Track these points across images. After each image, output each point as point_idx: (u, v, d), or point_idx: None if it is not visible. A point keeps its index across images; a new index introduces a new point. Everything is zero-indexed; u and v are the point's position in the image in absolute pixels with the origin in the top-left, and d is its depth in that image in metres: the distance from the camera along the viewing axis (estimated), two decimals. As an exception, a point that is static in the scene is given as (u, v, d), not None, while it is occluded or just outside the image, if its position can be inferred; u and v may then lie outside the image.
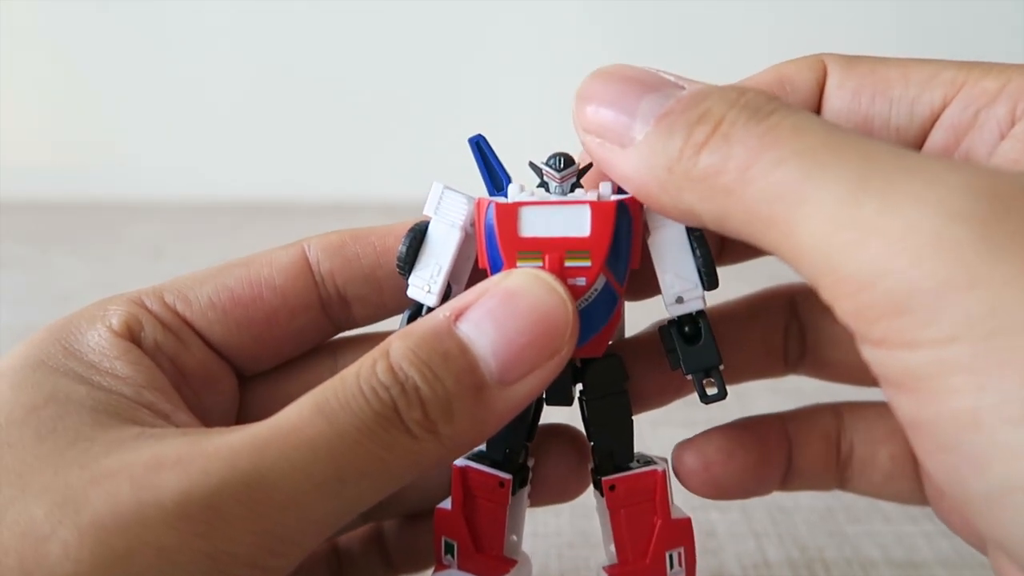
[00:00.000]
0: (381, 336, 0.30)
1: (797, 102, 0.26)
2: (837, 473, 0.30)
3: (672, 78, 0.24)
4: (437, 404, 0.22)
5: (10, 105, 1.12)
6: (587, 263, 0.25)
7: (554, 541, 0.41)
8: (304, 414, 0.22)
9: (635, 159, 0.23)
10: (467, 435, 0.23)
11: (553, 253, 0.25)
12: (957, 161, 0.20)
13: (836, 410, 0.30)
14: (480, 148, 0.27)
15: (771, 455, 0.29)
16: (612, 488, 0.27)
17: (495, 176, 0.27)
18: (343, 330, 0.30)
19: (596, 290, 0.25)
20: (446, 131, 0.28)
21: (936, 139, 0.25)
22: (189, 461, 0.21)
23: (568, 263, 0.25)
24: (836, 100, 0.26)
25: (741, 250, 0.29)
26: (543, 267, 0.25)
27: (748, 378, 0.31)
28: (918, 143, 0.26)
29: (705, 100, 0.22)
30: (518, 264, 0.25)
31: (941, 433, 0.18)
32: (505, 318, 0.23)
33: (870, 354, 0.19)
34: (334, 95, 1.10)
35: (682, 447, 0.28)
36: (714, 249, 0.27)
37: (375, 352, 0.23)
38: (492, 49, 1.08)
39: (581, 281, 0.25)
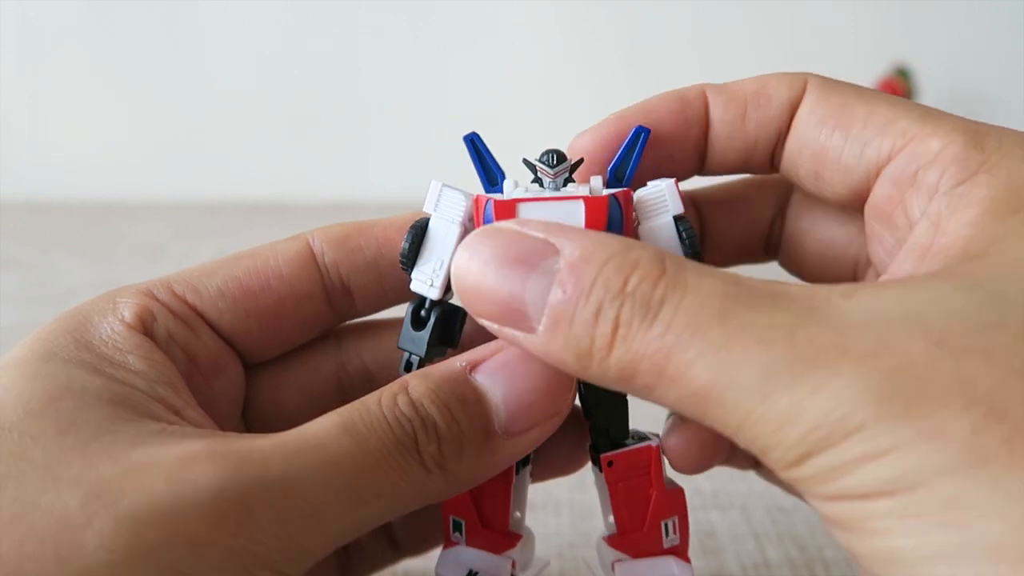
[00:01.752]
0: (383, 324, 0.31)
1: (767, 116, 0.27)
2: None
3: (540, 234, 0.23)
4: (451, 442, 0.24)
5: (10, 105, 1.12)
6: None
7: (554, 541, 0.41)
8: (332, 432, 0.23)
9: (544, 349, 0.22)
10: (469, 476, 0.25)
11: None
12: (846, 331, 0.20)
13: None
14: (475, 145, 0.28)
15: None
16: (611, 464, 0.28)
17: (490, 172, 0.28)
18: (345, 319, 0.31)
19: None
20: (445, 131, 0.28)
21: (882, 191, 0.26)
22: (222, 457, 0.21)
23: None
24: (802, 126, 0.27)
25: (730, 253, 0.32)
26: None
27: (727, 263, 0.32)
28: (863, 187, 0.26)
29: (592, 290, 0.21)
30: None
31: (871, 565, 0.20)
32: (519, 375, 0.25)
33: (811, 501, 0.21)
34: (334, 95, 1.10)
35: (674, 432, 0.28)
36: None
37: (394, 386, 0.24)
38: (490, 50, 1.08)
39: None
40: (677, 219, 0.27)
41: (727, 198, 0.32)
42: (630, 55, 1.06)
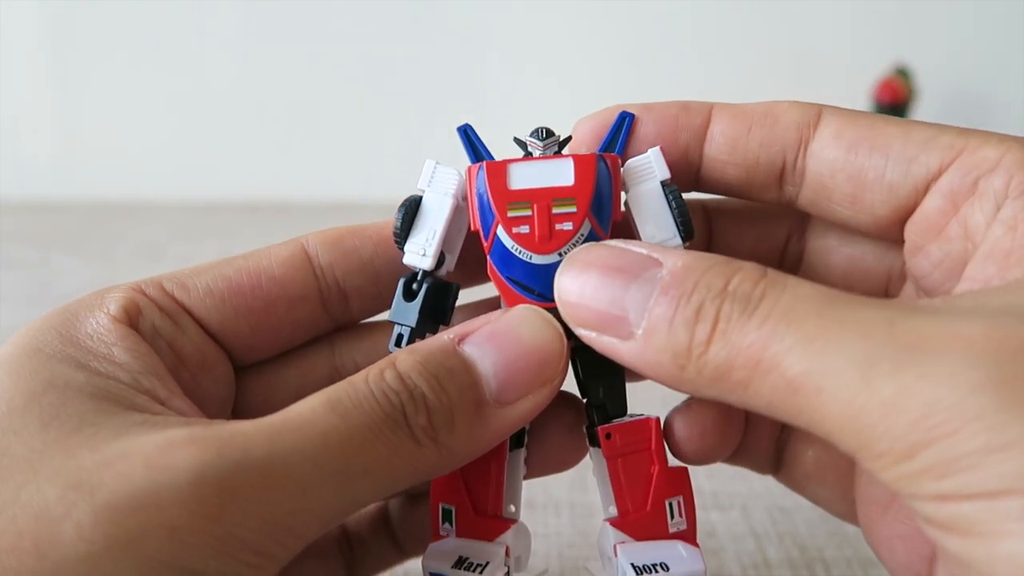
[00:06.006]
0: (377, 326, 0.31)
1: (772, 135, 0.28)
2: (774, 461, 0.31)
3: (644, 251, 0.24)
4: (441, 413, 0.24)
5: (10, 105, 1.12)
6: (573, 208, 0.27)
7: (554, 541, 0.41)
8: (317, 410, 0.23)
9: (641, 354, 0.23)
10: (463, 447, 0.25)
11: (541, 201, 0.27)
12: (953, 320, 0.19)
13: None
14: (467, 135, 0.29)
15: (738, 431, 0.30)
16: (608, 436, 0.28)
17: (482, 160, 0.28)
18: (339, 324, 0.31)
19: (582, 235, 0.27)
20: (446, 132, 0.29)
21: (933, 204, 0.26)
22: (203, 441, 0.21)
23: (555, 210, 0.27)
24: (831, 151, 0.27)
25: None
26: (531, 215, 0.26)
27: None
28: (911, 202, 0.26)
29: (694, 291, 0.22)
30: (508, 214, 0.27)
31: (994, 573, 0.18)
32: (508, 344, 0.25)
33: (916, 504, 0.20)
34: (333, 95, 1.10)
35: (678, 414, 0.29)
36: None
37: (382, 363, 0.24)
38: (492, 50, 1.08)
39: (568, 226, 0.27)
40: (664, 184, 0.28)
41: (740, 209, 0.32)
42: (632, 56, 1.06)
